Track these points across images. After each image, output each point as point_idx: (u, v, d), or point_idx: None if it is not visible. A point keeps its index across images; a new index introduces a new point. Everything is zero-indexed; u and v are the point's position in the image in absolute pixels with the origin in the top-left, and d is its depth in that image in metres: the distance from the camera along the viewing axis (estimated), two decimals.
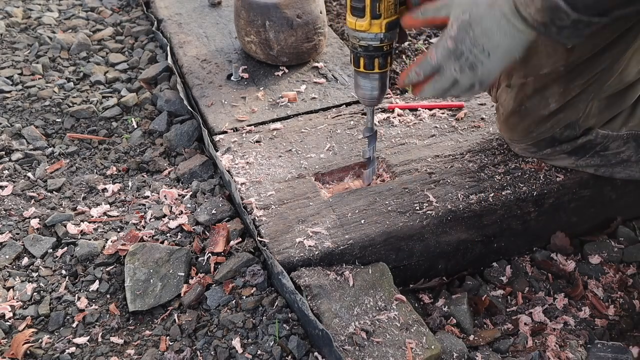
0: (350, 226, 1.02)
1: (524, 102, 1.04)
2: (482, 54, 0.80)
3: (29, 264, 1.07)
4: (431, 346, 0.88)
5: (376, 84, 0.97)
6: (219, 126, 1.29)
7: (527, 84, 1.02)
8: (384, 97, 1.01)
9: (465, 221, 1.07)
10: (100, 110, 1.47)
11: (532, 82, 1.01)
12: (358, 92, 0.99)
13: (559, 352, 0.96)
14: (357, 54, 0.94)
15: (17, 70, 1.59)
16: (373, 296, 0.94)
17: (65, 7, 1.93)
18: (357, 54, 0.94)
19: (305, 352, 0.89)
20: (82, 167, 1.31)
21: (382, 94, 0.99)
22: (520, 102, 1.05)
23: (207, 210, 1.12)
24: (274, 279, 0.98)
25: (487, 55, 0.80)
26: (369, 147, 1.06)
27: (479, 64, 0.82)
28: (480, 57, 0.81)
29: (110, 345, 0.93)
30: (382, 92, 0.98)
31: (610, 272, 1.13)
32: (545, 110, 1.02)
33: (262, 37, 1.43)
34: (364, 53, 0.93)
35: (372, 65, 0.94)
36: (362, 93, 0.99)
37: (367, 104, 1.01)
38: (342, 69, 1.49)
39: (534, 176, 1.13)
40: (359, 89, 0.99)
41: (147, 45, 1.72)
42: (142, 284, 0.99)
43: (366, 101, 1.00)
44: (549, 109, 1.01)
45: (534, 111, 1.03)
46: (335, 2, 1.99)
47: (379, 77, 0.96)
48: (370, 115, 1.04)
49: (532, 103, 1.03)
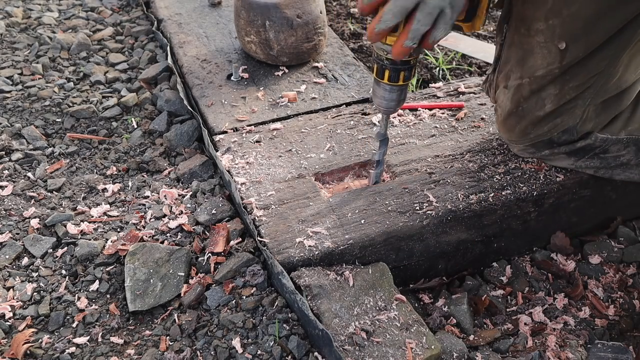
0: (350, 226, 1.02)
1: (521, 103, 1.05)
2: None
3: (29, 264, 1.07)
4: (431, 346, 0.88)
5: (397, 95, 0.97)
6: (219, 126, 1.29)
7: (523, 85, 1.03)
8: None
9: (465, 221, 1.07)
10: (100, 110, 1.47)
11: (528, 83, 1.02)
12: (377, 100, 1.00)
13: (559, 352, 0.96)
14: (382, 66, 0.94)
15: (17, 70, 1.59)
16: (373, 296, 0.94)
17: (65, 7, 1.93)
18: (383, 66, 0.94)
19: (305, 352, 0.89)
20: (82, 167, 1.31)
21: (400, 104, 1.00)
22: (517, 102, 1.05)
23: (207, 210, 1.12)
24: (274, 279, 0.98)
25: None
26: (380, 151, 1.07)
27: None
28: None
29: (110, 345, 0.93)
30: (402, 102, 0.99)
31: (610, 272, 1.13)
32: (541, 111, 1.02)
33: (262, 37, 1.43)
34: (391, 66, 0.93)
35: (397, 78, 0.94)
36: (380, 102, 0.99)
37: (384, 112, 1.02)
38: (342, 69, 1.49)
39: (534, 176, 1.13)
40: (378, 98, 0.99)
41: (147, 45, 1.72)
42: (142, 284, 0.99)
43: (383, 109, 1.01)
44: (545, 110, 1.02)
45: (530, 112, 1.04)
46: (335, 2, 1.99)
47: (402, 89, 0.97)
48: (385, 121, 1.04)
49: (529, 104, 1.03)
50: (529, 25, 0.98)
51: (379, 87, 0.97)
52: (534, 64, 0.99)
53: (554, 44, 0.95)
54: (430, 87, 1.41)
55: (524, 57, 1.01)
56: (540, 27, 0.96)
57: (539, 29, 0.96)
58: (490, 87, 1.14)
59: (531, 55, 0.99)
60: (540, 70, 0.99)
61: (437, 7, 0.80)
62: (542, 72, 0.99)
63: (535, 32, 0.97)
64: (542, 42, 0.96)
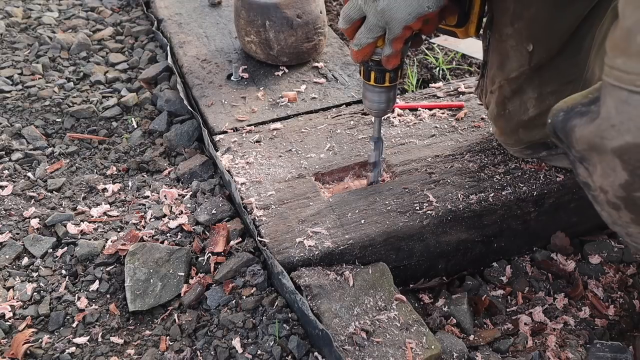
0: (350, 226, 1.02)
1: (506, 106, 1.06)
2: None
3: (29, 264, 1.07)
4: (431, 346, 0.88)
5: (385, 96, 0.98)
6: (219, 126, 1.29)
7: (503, 86, 1.05)
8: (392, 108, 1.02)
9: (465, 221, 1.07)
10: (100, 110, 1.47)
11: (507, 84, 1.04)
12: (367, 103, 1.00)
13: (559, 352, 0.96)
14: (368, 68, 0.94)
15: (17, 70, 1.59)
16: (373, 296, 0.94)
17: (65, 7, 1.93)
18: (369, 68, 0.94)
19: (305, 352, 0.89)
20: (82, 167, 1.31)
21: (390, 106, 1.00)
22: (502, 105, 1.07)
23: (207, 210, 1.12)
24: (274, 279, 0.98)
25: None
26: (374, 153, 1.07)
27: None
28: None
29: (110, 345, 0.93)
30: (391, 103, 0.99)
31: (610, 272, 1.13)
32: (524, 116, 1.04)
33: (262, 37, 1.43)
34: (376, 67, 0.93)
35: (383, 79, 0.94)
36: (370, 104, 1.00)
37: (374, 114, 1.02)
38: (342, 69, 1.49)
39: (534, 176, 1.13)
40: (367, 100, 0.99)
41: (147, 45, 1.72)
42: (142, 283, 0.99)
43: (374, 112, 1.01)
44: (528, 114, 1.03)
45: (516, 115, 1.05)
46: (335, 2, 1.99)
47: (389, 90, 0.97)
48: (377, 124, 1.05)
49: (514, 107, 1.05)
50: (500, 30, 1.00)
51: (366, 90, 0.98)
52: (510, 67, 1.02)
53: (523, 47, 0.97)
54: (430, 87, 1.41)
55: (502, 62, 1.03)
56: (509, 31, 0.98)
57: (509, 34, 0.99)
58: (482, 93, 1.16)
59: (507, 59, 1.01)
60: (513, 72, 1.01)
61: (376, 25, 0.86)
62: (515, 74, 1.01)
63: (506, 36, 0.99)
64: (514, 45, 0.99)
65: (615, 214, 0.65)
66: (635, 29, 0.54)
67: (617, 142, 0.58)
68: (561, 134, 0.66)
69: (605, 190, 0.63)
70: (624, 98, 0.56)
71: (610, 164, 0.60)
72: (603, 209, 0.67)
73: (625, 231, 0.66)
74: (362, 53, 0.91)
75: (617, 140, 0.57)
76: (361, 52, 0.91)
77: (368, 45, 0.89)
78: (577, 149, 0.64)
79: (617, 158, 0.58)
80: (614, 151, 0.58)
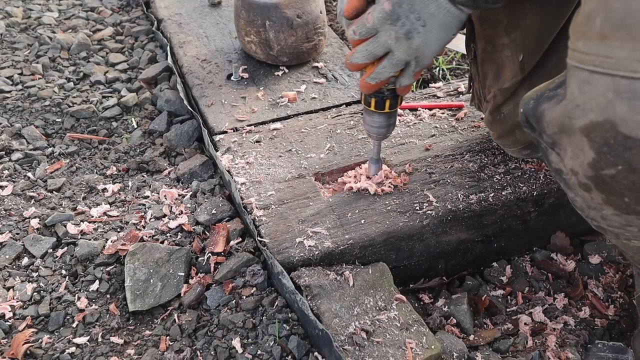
0: (350, 226, 1.02)
1: (501, 110, 1.07)
2: (418, 22, 0.80)
3: (29, 264, 1.07)
4: (431, 346, 0.88)
5: (385, 122, 0.98)
6: (219, 126, 1.29)
7: (496, 96, 1.06)
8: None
9: (465, 221, 1.07)
10: (100, 110, 1.47)
11: (500, 94, 1.05)
12: (367, 127, 1.01)
13: (559, 352, 0.96)
14: (368, 95, 0.94)
15: (17, 70, 1.59)
16: (373, 296, 0.94)
17: (65, 7, 1.93)
18: (369, 95, 0.94)
19: (305, 352, 0.89)
20: (82, 167, 1.31)
21: (390, 131, 1.00)
22: (497, 110, 1.07)
23: (207, 210, 1.12)
24: (274, 279, 0.98)
25: (422, 23, 0.80)
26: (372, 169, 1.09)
27: (414, 33, 0.81)
28: (416, 25, 0.80)
29: (110, 345, 0.93)
30: (391, 128, 1.00)
31: (610, 272, 1.13)
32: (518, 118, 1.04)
33: (262, 37, 1.43)
34: (376, 94, 0.94)
35: (382, 106, 0.95)
36: (370, 129, 1.00)
37: (374, 138, 1.03)
38: (342, 69, 1.49)
39: (534, 176, 1.13)
40: (368, 125, 1.00)
41: (147, 45, 1.72)
42: (142, 284, 0.99)
43: (373, 136, 1.02)
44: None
45: (511, 118, 1.06)
46: (335, 2, 1.99)
47: (390, 116, 0.97)
48: (377, 147, 1.06)
49: (508, 110, 1.06)
50: (493, 42, 1.01)
51: (367, 115, 0.99)
52: (505, 77, 1.02)
53: (516, 57, 0.99)
54: (430, 87, 1.41)
55: (497, 72, 1.04)
56: (504, 41, 0.99)
57: (504, 44, 0.99)
58: (480, 102, 1.17)
59: (502, 69, 1.02)
60: (507, 83, 1.02)
61: (403, 60, 0.86)
62: (509, 84, 1.02)
63: (501, 47, 1.00)
64: (509, 55, 0.99)
65: (588, 195, 0.66)
66: (594, 12, 0.56)
67: (582, 121, 0.59)
68: (532, 120, 0.68)
69: (575, 172, 0.65)
70: (585, 78, 0.58)
71: (579, 144, 0.61)
72: (576, 194, 0.69)
73: (600, 214, 0.67)
74: (377, 86, 0.90)
75: (583, 120, 0.59)
76: (376, 85, 0.90)
77: (386, 79, 0.89)
78: (548, 134, 0.66)
79: (585, 137, 0.60)
80: (581, 130, 0.60)
